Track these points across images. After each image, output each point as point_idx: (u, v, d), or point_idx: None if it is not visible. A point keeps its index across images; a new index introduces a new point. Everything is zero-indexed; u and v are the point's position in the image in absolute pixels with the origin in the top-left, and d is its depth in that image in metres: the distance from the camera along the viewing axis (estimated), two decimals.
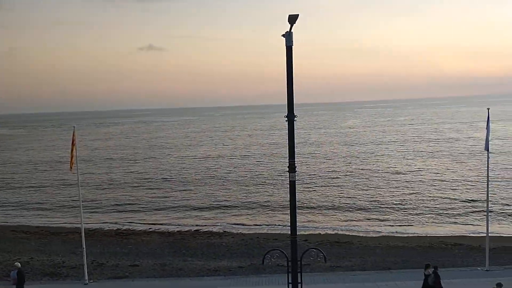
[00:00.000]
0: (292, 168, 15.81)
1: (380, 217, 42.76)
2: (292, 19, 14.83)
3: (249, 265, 28.14)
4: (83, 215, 25.53)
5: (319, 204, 48.13)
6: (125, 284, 24.75)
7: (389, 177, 61.85)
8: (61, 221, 45.89)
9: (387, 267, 26.56)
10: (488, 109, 24.98)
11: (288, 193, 16.45)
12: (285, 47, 15.44)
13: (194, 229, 40.56)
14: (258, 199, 51.83)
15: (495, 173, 57.08)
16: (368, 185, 57.19)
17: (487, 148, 24.07)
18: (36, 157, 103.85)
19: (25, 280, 21.51)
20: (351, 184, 58.21)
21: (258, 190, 56.61)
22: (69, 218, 46.84)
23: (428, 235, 36.55)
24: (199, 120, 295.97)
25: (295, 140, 16.08)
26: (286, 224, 37.44)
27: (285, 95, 15.57)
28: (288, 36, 15.29)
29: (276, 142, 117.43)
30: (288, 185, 16.59)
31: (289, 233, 16.59)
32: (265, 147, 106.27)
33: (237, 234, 38.57)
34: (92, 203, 52.58)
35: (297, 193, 16.27)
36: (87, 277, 24.08)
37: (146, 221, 44.42)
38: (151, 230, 40.92)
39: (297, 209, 16.31)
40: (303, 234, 35.67)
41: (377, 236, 36.97)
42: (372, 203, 47.81)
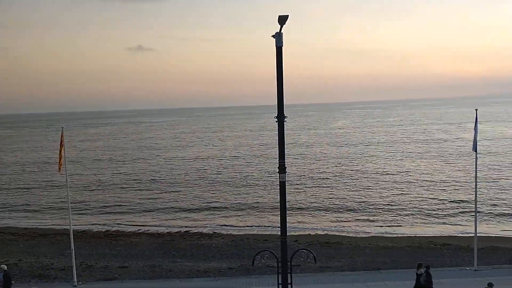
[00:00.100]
0: (282, 169, 15.81)
1: (370, 217, 42.94)
2: (282, 20, 14.80)
3: (239, 266, 28.10)
4: (71, 217, 25.34)
5: (309, 205, 48.21)
6: (114, 286, 24.60)
7: (379, 178, 62.15)
8: (49, 223, 45.53)
9: (377, 267, 26.69)
10: (476, 110, 25.21)
11: (278, 194, 16.44)
12: (275, 48, 15.44)
13: (184, 230, 40.42)
14: (248, 200, 51.79)
15: (483, 173, 57.57)
16: (357, 186, 57.42)
17: (475, 149, 24.27)
18: (23, 158, 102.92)
19: (12, 282, 21.29)
20: (340, 185, 58.41)
21: (248, 191, 56.58)
22: (58, 219, 46.45)
23: (417, 235, 36.78)
24: (188, 120, 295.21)
25: (285, 141, 16.09)
26: (276, 225, 37.42)
27: (275, 96, 15.58)
28: (278, 37, 15.27)
29: (266, 143, 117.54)
30: (277, 186, 16.58)
31: (279, 234, 16.59)
32: (255, 148, 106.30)
33: (227, 235, 38.52)
34: (81, 204, 52.21)
35: (287, 194, 16.26)
36: (76, 279, 23.92)
37: (135, 223, 44.19)
38: (140, 232, 40.72)
39: (287, 210, 16.31)
40: (293, 235, 35.69)
41: (366, 236, 37.12)
42: (361, 203, 47.99)
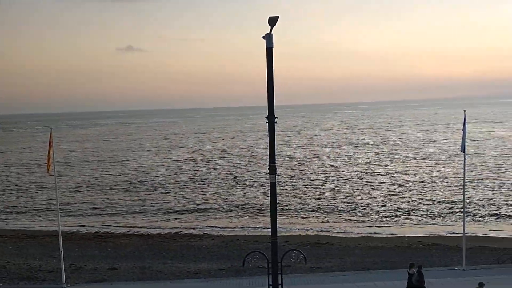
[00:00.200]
0: (272, 170, 15.86)
1: (359, 218, 43.13)
2: (273, 21, 14.84)
3: (229, 267, 28.08)
4: (60, 218, 25.14)
5: (299, 205, 48.30)
6: None
7: (368, 178, 62.45)
8: (37, 225, 45.15)
9: (366, 267, 26.80)
10: (465, 111, 25.34)
11: (268, 195, 16.47)
12: (266, 48, 15.48)
13: (174, 232, 40.28)
14: (238, 201, 51.76)
15: (471, 174, 58.10)
16: (347, 186, 57.64)
17: (463, 150, 24.46)
18: (11, 159, 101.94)
19: (0, 284, 21.09)
20: (330, 185, 58.59)
21: (238, 192, 56.55)
22: (46, 221, 46.08)
23: (407, 235, 37.01)
24: (179, 121, 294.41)
25: (275, 142, 16.13)
26: (266, 226, 37.45)
27: (266, 97, 15.62)
28: (269, 37, 15.32)
29: (256, 144, 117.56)
30: (268, 187, 16.62)
31: (270, 234, 16.62)
32: (245, 149, 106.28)
33: (217, 236, 38.46)
34: (70, 206, 51.84)
35: (277, 195, 16.30)
36: (64, 281, 23.74)
37: (125, 224, 43.95)
38: (130, 233, 40.52)
39: (277, 211, 16.34)
40: (284, 236, 35.72)
41: (356, 237, 37.29)
42: (351, 204, 48.19)
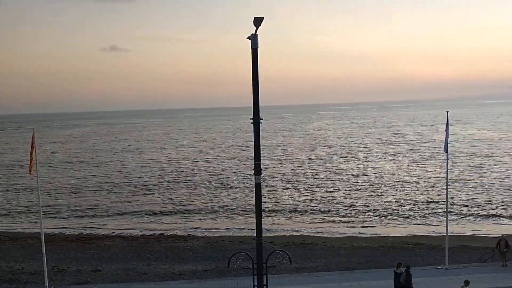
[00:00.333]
0: (258, 171, 15.84)
1: (344, 218, 43.38)
2: (258, 21, 14.80)
3: (214, 268, 28.00)
4: (42, 220, 24.81)
5: (284, 206, 48.37)
6: None
7: (353, 179, 62.80)
8: (19, 226, 44.50)
9: (351, 267, 26.95)
10: (447, 112, 25.59)
11: (253, 195, 16.45)
12: (251, 49, 15.44)
13: (158, 233, 40.05)
14: (223, 202, 51.64)
15: (454, 174, 58.81)
16: (332, 187, 57.91)
17: (446, 150, 24.73)
18: None
19: None
20: (315, 186, 58.79)
21: (223, 194, 56.42)
22: (28, 223, 45.46)
23: (391, 235, 37.32)
24: (163, 122, 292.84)
25: (260, 143, 16.11)
26: (251, 227, 37.43)
27: (251, 97, 15.60)
28: (254, 38, 15.27)
29: (241, 144, 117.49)
30: (253, 187, 16.59)
31: (255, 235, 16.60)
32: (230, 150, 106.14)
33: (202, 237, 38.33)
34: (52, 208, 51.19)
35: (262, 196, 16.29)
36: (47, 284, 23.40)
37: (109, 226, 43.55)
38: (113, 235, 40.17)
39: (262, 212, 16.32)
40: (269, 236, 35.77)
41: (341, 237, 37.48)
42: (336, 205, 48.42)
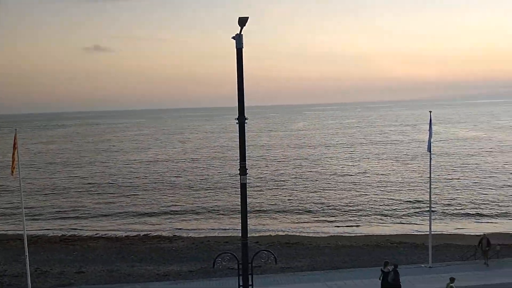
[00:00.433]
0: (243, 171, 15.85)
1: (329, 218, 43.59)
2: (242, 21, 14.83)
3: (199, 269, 27.93)
4: (25, 222, 24.49)
5: (269, 206, 48.43)
6: None
7: (337, 179, 63.15)
8: (2, 228, 43.83)
9: (336, 266, 27.11)
10: (430, 112, 25.94)
11: (238, 196, 16.45)
12: (236, 49, 15.44)
13: (143, 234, 39.78)
14: (208, 203, 51.50)
15: (437, 174, 59.46)
16: (317, 187, 58.14)
17: (429, 150, 25.03)
18: None
19: None
20: (300, 186, 58.96)
21: (208, 194, 56.27)
22: (10, 225, 44.82)
23: (375, 234, 37.61)
24: (147, 122, 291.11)
25: (245, 143, 16.12)
26: (236, 227, 37.41)
27: (236, 98, 15.60)
28: (239, 38, 15.29)
29: (226, 145, 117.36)
30: (238, 188, 16.60)
31: (240, 235, 16.60)
32: (215, 150, 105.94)
33: (187, 238, 38.17)
34: (35, 209, 50.54)
35: (247, 196, 16.29)
36: (30, 286, 23.08)
37: (92, 227, 43.12)
38: (97, 236, 39.79)
39: (247, 212, 16.33)
40: (254, 236, 35.76)
41: (326, 236, 37.64)
42: (321, 204, 48.62)
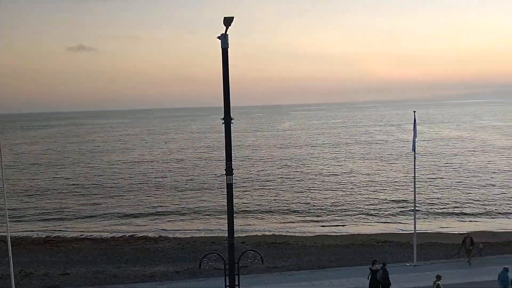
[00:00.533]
0: (229, 171, 15.82)
1: (315, 218, 43.75)
2: (228, 21, 14.81)
3: (185, 269, 27.84)
4: (9, 224, 24.16)
5: (256, 206, 48.45)
6: None
7: (323, 179, 63.42)
8: None
9: (322, 266, 27.23)
10: (414, 112, 26.12)
11: (225, 196, 16.42)
12: (221, 49, 15.42)
13: (129, 235, 39.51)
14: (194, 203, 51.36)
15: (421, 173, 60.08)
16: (303, 187, 58.33)
17: (414, 149, 25.25)
18: None
19: None
20: (287, 186, 59.10)
21: (194, 195, 56.10)
22: None
23: (360, 233, 37.86)
24: (132, 122, 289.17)
25: (232, 143, 16.10)
26: (223, 228, 37.32)
27: (222, 97, 15.57)
28: (224, 38, 15.26)
29: (212, 145, 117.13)
30: (224, 188, 16.58)
31: (227, 236, 16.58)
32: (201, 150, 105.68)
33: (174, 238, 38.00)
34: (18, 211, 49.88)
35: (234, 196, 16.28)
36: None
37: (77, 229, 42.72)
38: (82, 237, 39.41)
39: (234, 212, 16.31)
40: (240, 237, 35.74)
41: (312, 236, 37.77)
42: (307, 204, 48.78)
